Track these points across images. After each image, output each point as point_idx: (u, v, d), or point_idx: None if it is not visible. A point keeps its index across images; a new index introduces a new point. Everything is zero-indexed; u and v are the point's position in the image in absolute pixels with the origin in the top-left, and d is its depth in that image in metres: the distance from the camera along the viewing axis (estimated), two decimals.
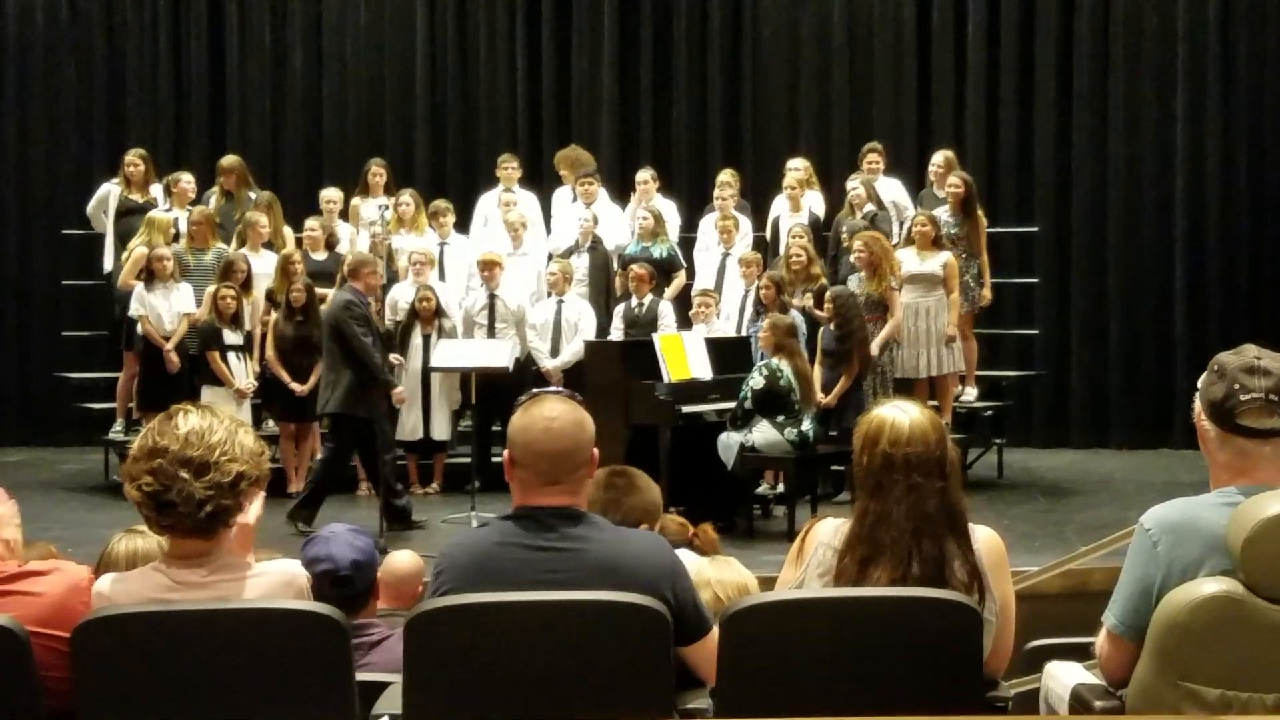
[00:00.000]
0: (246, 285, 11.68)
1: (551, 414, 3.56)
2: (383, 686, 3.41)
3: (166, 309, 11.51)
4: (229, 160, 13.03)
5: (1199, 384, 3.56)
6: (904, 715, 3.13)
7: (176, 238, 12.09)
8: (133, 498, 3.35)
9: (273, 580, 3.41)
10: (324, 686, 3.10)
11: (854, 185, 12.16)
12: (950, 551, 3.57)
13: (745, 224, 12.62)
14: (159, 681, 3.12)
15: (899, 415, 3.68)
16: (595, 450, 3.63)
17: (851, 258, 11.36)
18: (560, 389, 3.77)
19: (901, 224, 12.25)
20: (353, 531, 4.36)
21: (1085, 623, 3.96)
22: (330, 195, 12.83)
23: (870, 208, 12.11)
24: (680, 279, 12.33)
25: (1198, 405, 3.54)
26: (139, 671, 3.13)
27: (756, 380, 9.81)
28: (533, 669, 3.22)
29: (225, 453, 3.34)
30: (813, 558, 3.70)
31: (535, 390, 3.74)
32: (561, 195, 13.35)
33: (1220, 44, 13.93)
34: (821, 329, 10.93)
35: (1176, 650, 3.25)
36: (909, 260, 11.40)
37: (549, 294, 12.09)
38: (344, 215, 12.90)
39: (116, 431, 12.05)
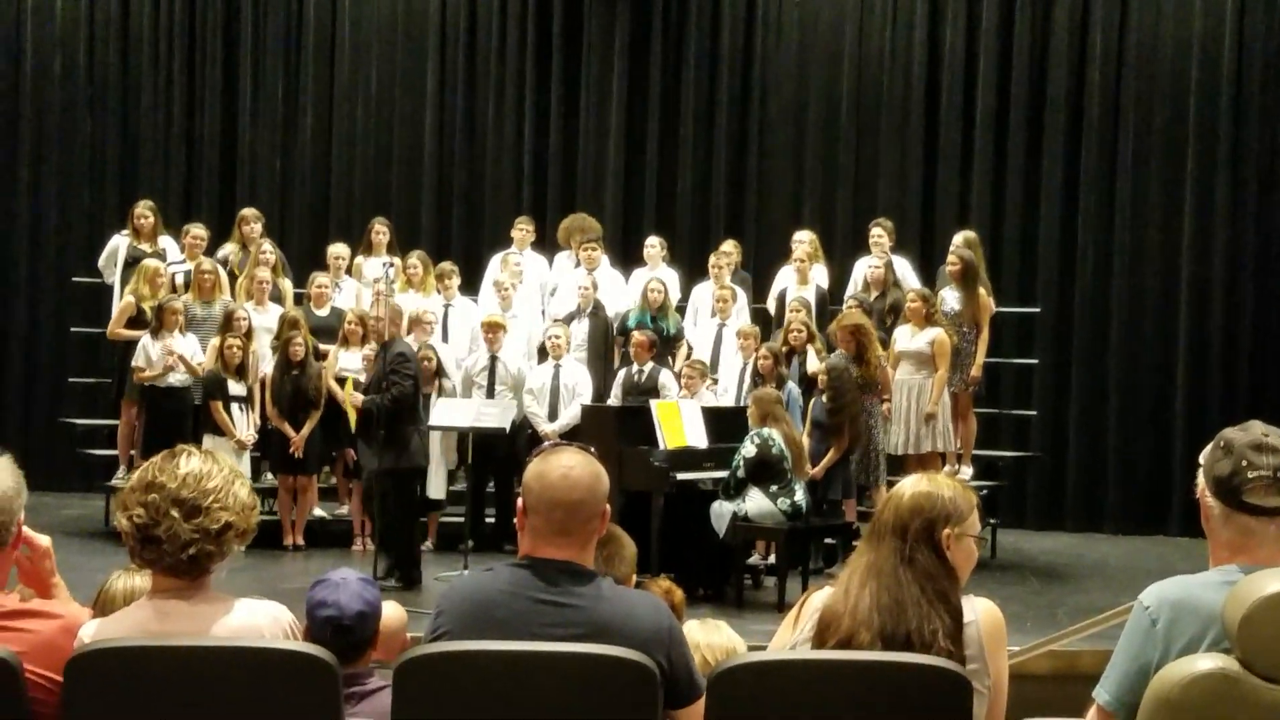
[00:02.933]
0: (247, 336, 11.70)
1: (570, 464, 3.56)
2: None
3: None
4: (251, 211, 13.25)
5: (1201, 460, 3.53)
6: None
7: (175, 288, 12.18)
8: (121, 526, 3.37)
9: (259, 615, 3.41)
10: None
11: (874, 263, 12.18)
12: (924, 616, 3.56)
13: (742, 295, 12.66)
14: (150, 715, 3.11)
15: (909, 482, 3.75)
16: (607, 506, 3.63)
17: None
18: (575, 444, 3.76)
19: None
20: (362, 581, 4.32)
21: (1073, 705, 3.92)
22: (338, 251, 12.96)
23: (907, 288, 12.08)
24: (683, 351, 12.36)
25: (1201, 482, 3.52)
26: (130, 706, 3.12)
27: (748, 449, 9.81)
28: (521, 719, 3.20)
29: (218, 500, 3.35)
30: (807, 624, 3.69)
31: (554, 441, 3.74)
32: (563, 261, 13.41)
33: (1231, 135, 13.99)
34: (813, 400, 10.96)
35: None
36: (903, 337, 11.44)
37: (549, 358, 12.08)
38: (348, 272, 12.98)
39: (119, 478, 12.04)
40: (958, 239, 12.30)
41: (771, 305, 12.79)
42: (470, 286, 13.30)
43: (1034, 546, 12.96)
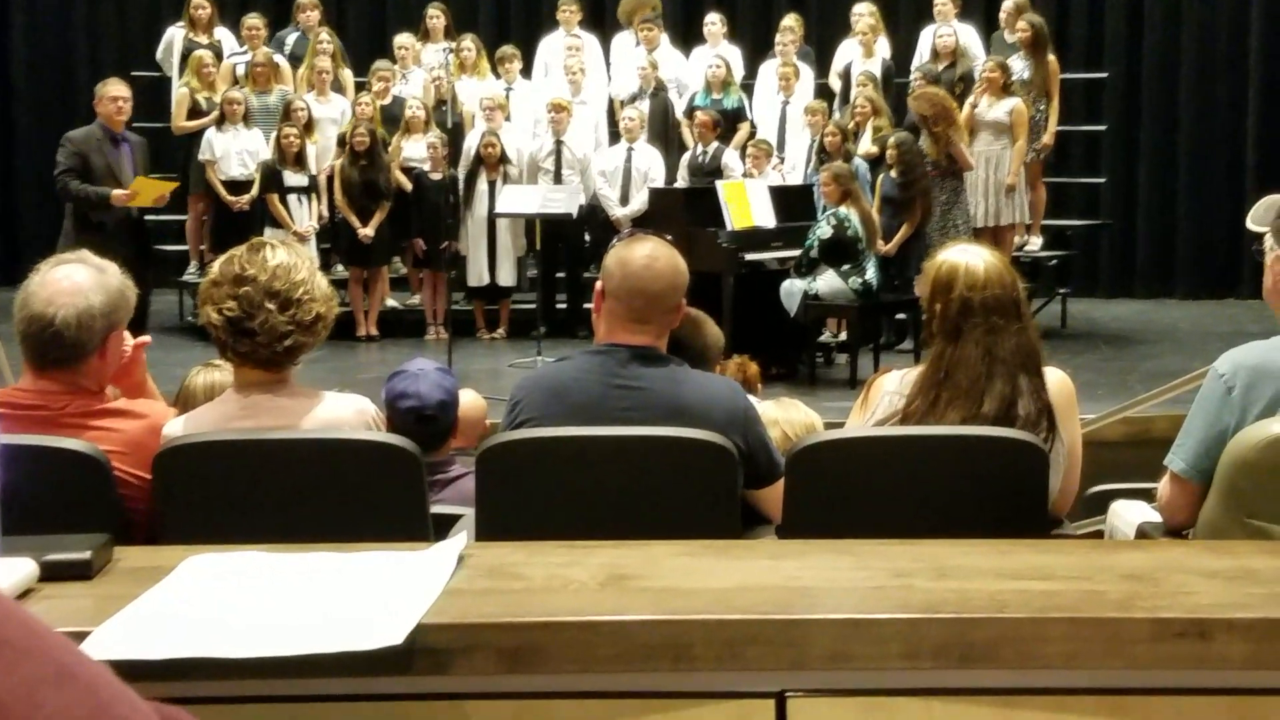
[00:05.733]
0: (309, 129, 11.68)
1: (654, 254, 3.57)
2: (456, 518, 3.45)
3: (236, 152, 11.56)
4: None
5: (1253, 224, 3.50)
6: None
7: (237, 80, 12.15)
8: (211, 320, 3.37)
9: (342, 408, 3.46)
10: (399, 516, 3.13)
11: (944, 32, 11.95)
12: (1022, 389, 3.54)
13: (806, 72, 12.47)
14: (238, 507, 3.16)
15: (972, 259, 3.59)
16: (684, 299, 3.65)
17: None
18: (653, 232, 3.76)
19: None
20: (440, 371, 4.37)
21: (1147, 469, 3.94)
22: (402, 41, 12.85)
23: (981, 61, 11.79)
24: (745, 129, 12.21)
25: (1273, 247, 3.48)
26: (218, 498, 3.18)
27: (824, 230, 9.76)
28: (602, 503, 3.24)
29: (307, 291, 3.38)
30: (879, 405, 3.67)
31: (633, 229, 3.74)
32: (623, 40, 13.23)
33: None
34: (882, 175, 10.85)
35: (1246, 488, 3.16)
36: (979, 107, 11.27)
37: (621, 140, 11.98)
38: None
39: (191, 273, 12.16)
40: (1008, 4, 12.06)
41: (835, 81, 12.60)
42: (529, 70, 13.15)
43: (1104, 314, 12.93)
